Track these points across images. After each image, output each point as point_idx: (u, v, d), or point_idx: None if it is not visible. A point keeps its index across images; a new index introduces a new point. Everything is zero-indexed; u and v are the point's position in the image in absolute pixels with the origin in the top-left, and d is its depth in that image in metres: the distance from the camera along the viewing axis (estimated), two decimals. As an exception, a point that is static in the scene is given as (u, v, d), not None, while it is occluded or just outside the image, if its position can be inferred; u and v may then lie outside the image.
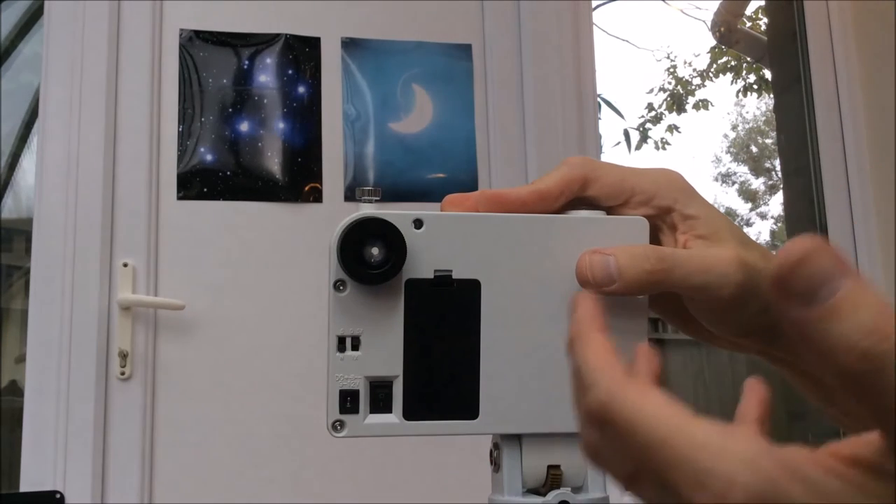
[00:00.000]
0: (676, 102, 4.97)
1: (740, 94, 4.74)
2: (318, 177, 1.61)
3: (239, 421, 1.51)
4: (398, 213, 0.40)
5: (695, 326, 0.46)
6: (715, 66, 4.70)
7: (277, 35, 1.64)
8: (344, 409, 0.40)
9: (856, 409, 0.23)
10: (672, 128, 4.92)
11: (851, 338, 0.23)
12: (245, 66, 1.62)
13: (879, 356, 0.22)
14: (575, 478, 0.41)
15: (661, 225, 0.44)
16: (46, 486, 1.40)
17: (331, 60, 1.66)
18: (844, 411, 0.48)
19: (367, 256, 0.39)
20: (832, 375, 0.24)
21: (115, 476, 1.44)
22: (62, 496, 1.39)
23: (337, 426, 0.40)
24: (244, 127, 1.60)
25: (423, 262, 0.40)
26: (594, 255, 0.41)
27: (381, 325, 0.40)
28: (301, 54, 1.65)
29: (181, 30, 1.61)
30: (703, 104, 4.88)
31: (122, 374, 1.46)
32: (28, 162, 1.78)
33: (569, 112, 1.72)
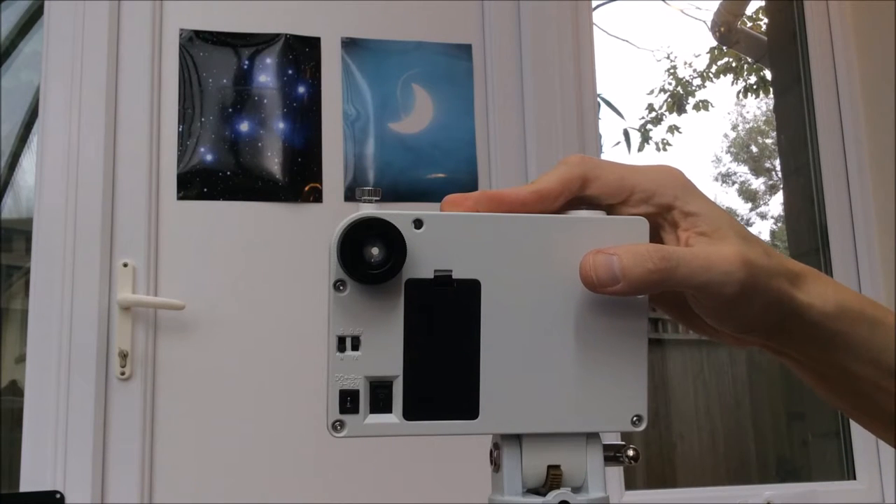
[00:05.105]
0: (677, 103, 4.97)
1: (741, 96, 4.73)
2: (318, 177, 1.61)
3: (239, 421, 1.51)
4: (398, 213, 0.40)
5: (698, 322, 0.46)
6: (715, 66, 4.69)
7: (277, 35, 1.64)
8: (344, 409, 0.40)
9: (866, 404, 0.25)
10: (673, 128, 4.91)
11: None
12: (245, 66, 1.62)
13: None
14: (575, 478, 0.41)
15: (662, 222, 0.44)
16: (46, 486, 1.40)
17: (331, 60, 1.66)
18: (853, 405, 0.48)
19: (367, 256, 0.39)
20: None
21: (115, 476, 1.44)
22: (62, 496, 1.39)
23: (337, 426, 0.40)
24: (244, 127, 1.60)
25: (423, 262, 0.40)
26: (598, 255, 0.40)
27: (381, 325, 0.40)
28: (301, 54, 1.65)
29: (181, 30, 1.61)
30: (703, 105, 4.88)
31: (122, 374, 1.46)
32: (28, 162, 1.78)
33: (569, 112, 1.71)
